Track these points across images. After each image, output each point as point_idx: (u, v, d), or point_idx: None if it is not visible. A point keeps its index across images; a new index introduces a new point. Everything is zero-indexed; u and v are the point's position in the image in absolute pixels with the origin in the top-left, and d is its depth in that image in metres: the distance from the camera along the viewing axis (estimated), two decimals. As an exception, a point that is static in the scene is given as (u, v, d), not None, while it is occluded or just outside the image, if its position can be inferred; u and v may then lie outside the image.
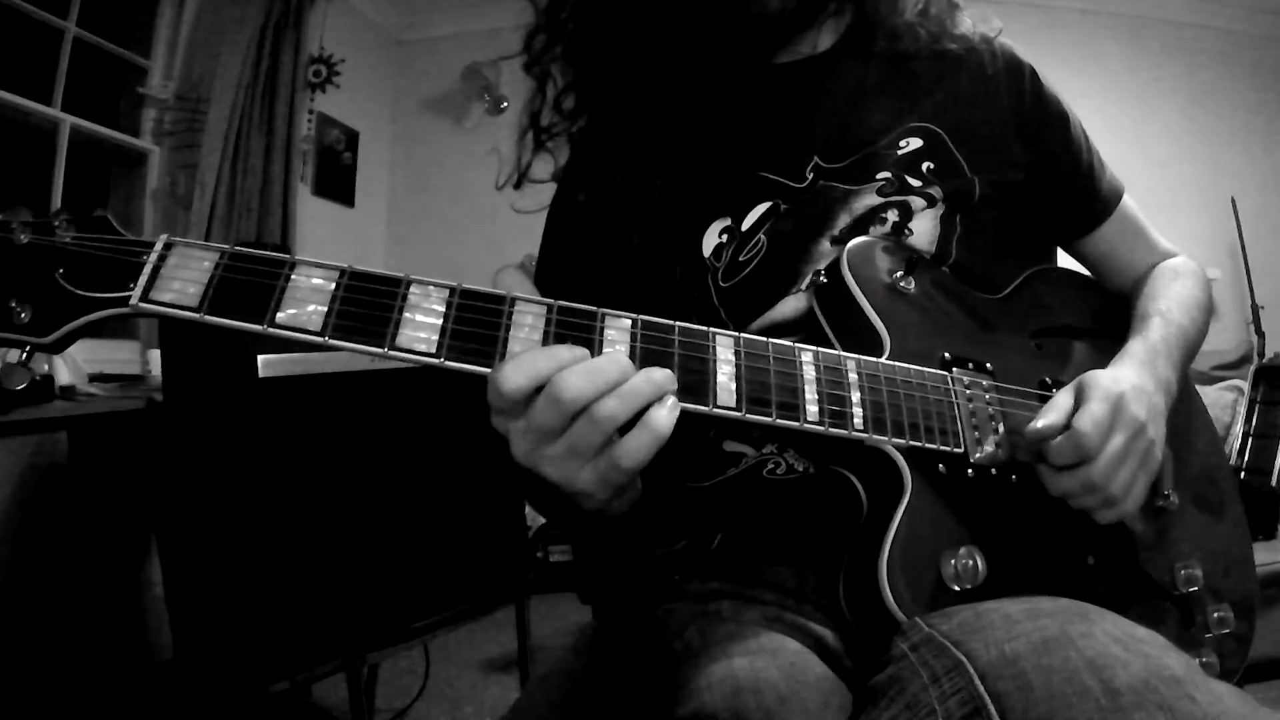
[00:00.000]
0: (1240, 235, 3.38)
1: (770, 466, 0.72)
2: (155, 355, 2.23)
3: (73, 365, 2.13)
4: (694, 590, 0.71)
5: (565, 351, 0.49)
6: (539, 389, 0.48)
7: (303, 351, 1.53)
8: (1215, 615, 0.71)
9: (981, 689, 0.44)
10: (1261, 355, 3.18)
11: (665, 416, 0.49)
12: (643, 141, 0.77)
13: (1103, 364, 0.69)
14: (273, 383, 1.49)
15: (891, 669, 0.52)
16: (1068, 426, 0.61)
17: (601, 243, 0.78)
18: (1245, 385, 2.93)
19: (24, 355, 0.50)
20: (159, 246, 0.49)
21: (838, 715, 0.55)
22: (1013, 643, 0.46)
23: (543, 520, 3.07)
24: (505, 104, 3.60)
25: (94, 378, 2.21)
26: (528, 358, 0.49)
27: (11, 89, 2.34)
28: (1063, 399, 0.63)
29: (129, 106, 2.87)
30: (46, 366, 2.00)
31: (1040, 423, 0.61)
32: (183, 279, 0.49)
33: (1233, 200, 3.41)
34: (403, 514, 1.66)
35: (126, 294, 0.48)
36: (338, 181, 3.55)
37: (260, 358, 1.48)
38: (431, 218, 3.84)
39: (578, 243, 0.81)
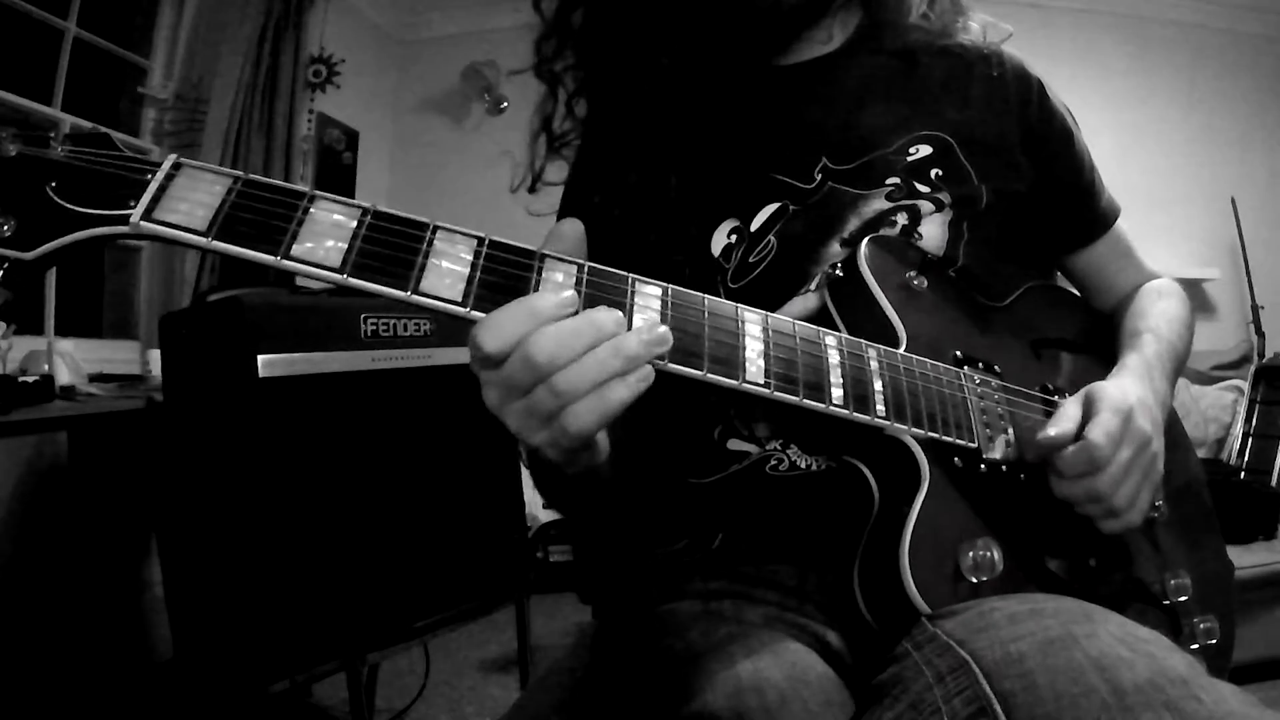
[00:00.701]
0: (1240, 235, 3.37)
1: (773, 463, 0.72)
2: (155, 355, 2.23)
3: (73, 365, 2.14)
4: (696, 589, 0.71)
5: (547, 305, 0.46)
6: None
7: (303, 351, 1.54)
8: (1201, 626, 0.72)
9: (987, 688, 0.44)
10: (1261, 355, 3.18)
11: (623, 391, 0.46)
12: (654, 141, 0.77)
13: (1098, 376, 0.69)
14: (273, 383, 1.49)
15: (895, 668, 0.52)
16: (1079, 437, 0.61)
17: (614, 243, 0.78)
18: (1245, 385, 2.94)
19: (3, 271, 0.45)
20: (166, 165, 0.46)
21: (839, 715, 0.55)
22: (1018, 642, 0.46)
23: (543, 520, 3.07)
24: (505, 104, 3.60)
25: (94, 378, 2.21)
26: (508, 316, 0.46)
27: (11, 89, 2.34)
28: (1071, 409, 0.63)
29: (129, 106, 2.87)
30: (46, 366, 2.01)
31: (1052, 430, 0.61)
32: (191, 200, 0.45)
33: (1233, 200, 3.41)
34: (403, 514, 1.66)
35: (126, 212, 0.45)
36: (338, 181, 3.54)
37: (260, 358, 1.48)
38: (431, 218, 3.83)
39: (591, 242, 0.81)
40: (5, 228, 0.44)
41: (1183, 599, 0.71)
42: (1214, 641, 0.72)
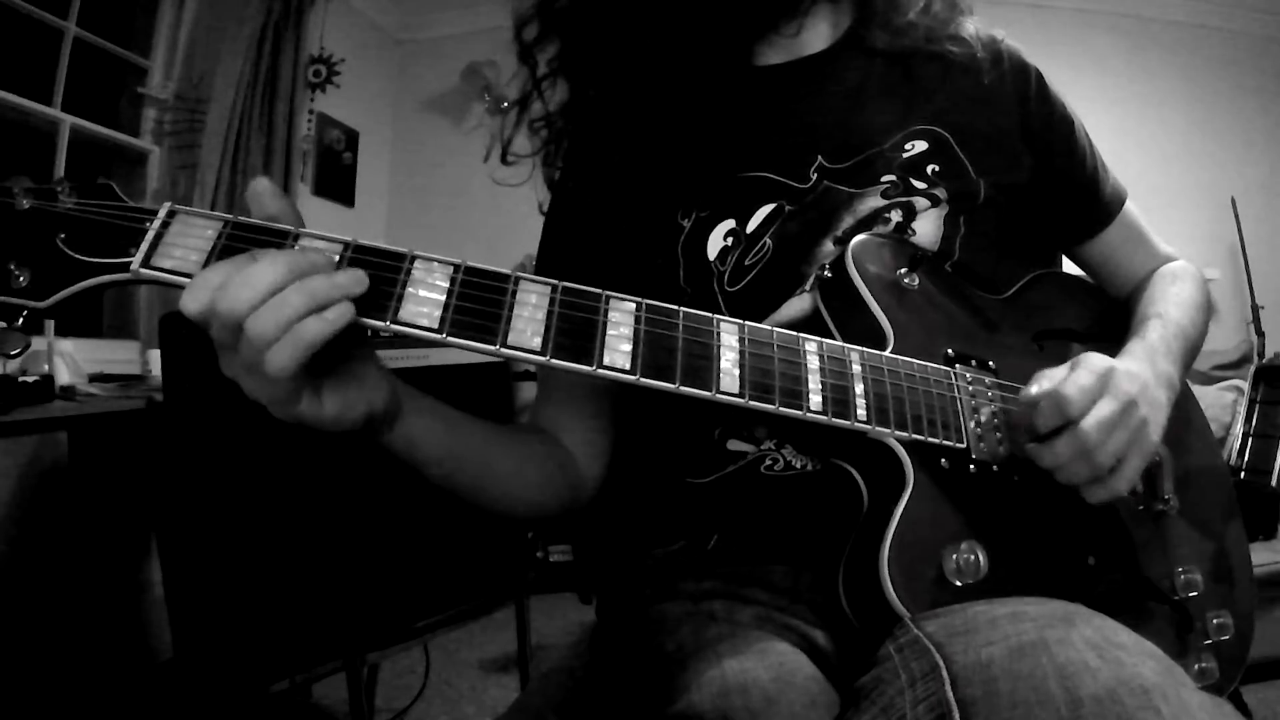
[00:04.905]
0: (1240, 235, 3.37)
1: (768, 463, 0.72)
2: (155, 355, 2.23)
3: (73, 365, 2.13)
4: (689, 590, 0.71)
5: (240, 261, 0.47)
6: None
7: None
8: (1215, 621, 0.71)
9: (950, 696, 0.44)
10: (1261, 355, 3.17)
11: (318, 326, 0.46)
12: (638, 144, 0.77)
13: None
14: (273, 383, 1.49)
15: (876, 670, 0.51)
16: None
17: (599, 246, 0.78)
18: (1245, 385, 2.93)
19: (21, 319, 0.49)
20: (162, 214, 0.49)
21: (824, 716, 0.55)
22: (990, 647, 0.45)
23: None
24: (505, 104, 3.58)
25: (94, 378, 2.21)
26: (202, 279, 0.47)
27: (11, 89, 2.34)
28: (1057, 371, 0.63)
29: (129, 106, 2.87)
30: (46, 366, 2.01)
31: (1033, 389, 0.62)
32: (185, 246, 0.48)
33: (1233, 200, 3.40)
34: (403, 514, 1.66)
35: (127, 260, 0.48)
36: (338, 181, 3.54)
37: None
38: (431, 218, 3.84)
39: (575, 247, 0.81)
40: (22, 278, 0.47)
41: (1193, 594, 0.70)
42: (1227, 637, 0.71)
